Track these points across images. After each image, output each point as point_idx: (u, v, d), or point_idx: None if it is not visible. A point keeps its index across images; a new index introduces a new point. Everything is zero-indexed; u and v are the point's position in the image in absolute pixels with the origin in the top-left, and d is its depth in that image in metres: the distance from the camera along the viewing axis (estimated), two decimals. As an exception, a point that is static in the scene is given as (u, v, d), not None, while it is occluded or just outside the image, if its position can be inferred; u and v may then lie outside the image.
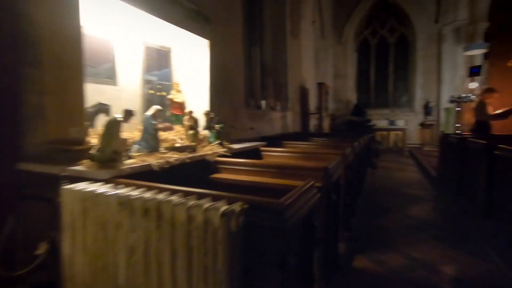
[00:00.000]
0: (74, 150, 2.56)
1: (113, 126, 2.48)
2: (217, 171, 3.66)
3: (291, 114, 11.02)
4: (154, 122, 3.12)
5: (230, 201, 1.56)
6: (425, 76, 16.27)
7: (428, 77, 16.20)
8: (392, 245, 3.65)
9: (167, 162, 2.86)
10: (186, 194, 1.80)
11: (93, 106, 3.05)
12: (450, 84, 15.02)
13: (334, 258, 3.05)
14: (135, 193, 1.90)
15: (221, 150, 3.79)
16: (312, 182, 2.32)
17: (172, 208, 1.57)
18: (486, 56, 11.61)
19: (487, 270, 3.03)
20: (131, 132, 3.48)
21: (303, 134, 9.52)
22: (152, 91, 4.05)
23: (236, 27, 6.16)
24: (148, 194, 1.86)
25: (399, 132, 15.85)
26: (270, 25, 9.35)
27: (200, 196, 1.72)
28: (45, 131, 2.44)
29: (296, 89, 11.57)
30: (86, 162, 2.36)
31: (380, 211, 5.33)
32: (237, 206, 1.50)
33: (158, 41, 4.00)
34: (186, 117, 3.86)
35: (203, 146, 3.85)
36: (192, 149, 3.48)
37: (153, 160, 2.79)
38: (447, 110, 14.77)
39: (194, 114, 3.88)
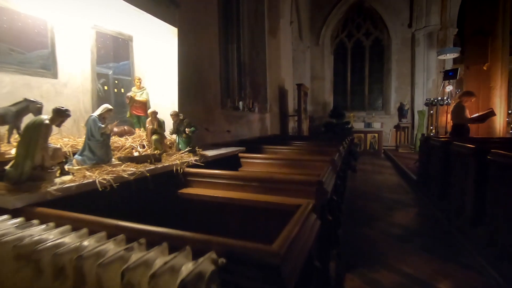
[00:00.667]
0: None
1: (35, 132, 1.76)
2: (187, 184, 2.99)
3: (269, 116, 10.50)
4: (101, 125, 2.41)
5: (198, 249, 1.02)
6: (400, 79, 16.51)
7: (402, 80, 16.45)
8: (382, 259, 3.35)
9: (120, 177, 2.16)
10: (132, 234, 1.18)
11: (16, 104, 2.28)
12: (423, 88, 15.30)
13: (326, 282, 2.50)
14: (51, 235, 1.23)
15: (192, 158, 3.13)
16: (310, 205, 1.74)
17: (101, 270, 0.93)
18: (461, 59, 11.82)
19: (486, 286, 2.73)
20: (75, 139, 2.73)
21: (282, 137, 8.99)
22: (106, 87, 3.28)
23: (210, 17, 5.50)
24: (70, 238, 1.19)
25: (375, 134, 15.91)
26: (248, 23, 8.77)
27: (152, 240, 1.12)
28: None
29: (275, 89, 11.09)
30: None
31: (364, 219, 5.00)
32: (208, 264, 0.90)
33: (114, 27, 3.25)
34: (149, 119, 3.16)
35: (170, 155, 3.16)
36: (155, 158, 2.79)
37: (99, 176, 2.08)
38: (421, 112, 15.02)
39: (159, 116, 3.18)
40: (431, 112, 13.86)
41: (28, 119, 2.01)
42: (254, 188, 2.83)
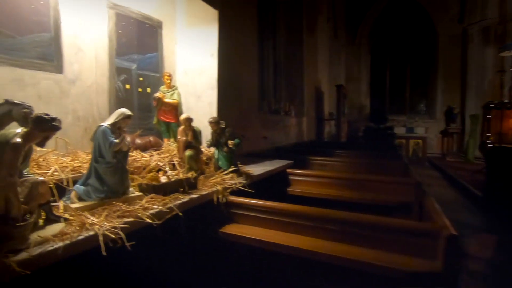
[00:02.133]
0: None
1: None
2: (231, 218, 2.15)
3: (306, 120, 9.52)
4: (113, 140, 1.60)
5: None
6: (447, 81, 14.86)
7: (450, 81, 14.78)
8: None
9: (138, 222, 1.34)
10: None
11: None
12: (477, 89, 13.58)
13: None
14: None
15: (236, 181, 2.27)
16: None
17: None
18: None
19: None
20: (81, 156, 1.96)
21: (322, 144, 7.96)
22: (128, 86, 2.52)
23: (248, 10, 4.64)
24: None
25: (419, 141, 14.37)
26: (284, 19, 7.85)
27: None
28: None
29: (311, 91, 10.10)
30: None
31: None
32: None
33: (140, 8, 2.49)
34: (181, 128, 2.34)
35: (208, 176, 2.32)
36: (190, 185, 1.96)
37: (106, 223, 1.26)
38: (474, 117, 13.28)
39: (194, 123, 2.36)
40: (488, 116, 12.14)
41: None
42: (331, 233, 1.91)
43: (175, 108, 2.85)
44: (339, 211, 1.96)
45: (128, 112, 1.73)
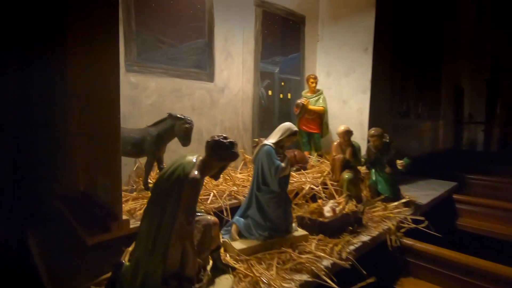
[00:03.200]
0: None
1: (172, 196, 0.69)
2: (408, 270, 1.54)
3: (442, 124, 7.76)
4: (280, 164, 1.25)
5: None
6: None
7: None
8: None
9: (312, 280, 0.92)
10: None
11: (158, 124, 1.41)
12: None
13: None
14: None
15: (406, 214, 1.66)
16: None
17: None
18: None
19: None
20: (231, 180, 1.73)
21: (479, 157, 6.22)
22: (270, 92, 2.25)
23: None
24: None
25: None
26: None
27: None
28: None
29: (448, 87, 8.18)
30: None
31: None
32: None
33: (283, 2, 2.16)
34: (337, 143, 1.88)
35: (371, 207, 1.78)
36: (356, 220, 1.46)
37: (279, 281, 0.88)
38: None
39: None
40: None
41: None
42: None
43: (319, 117, 2.42)
44: None
45: (294, 128, 1.36)
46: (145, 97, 1.65)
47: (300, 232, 1.37)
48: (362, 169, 2.22)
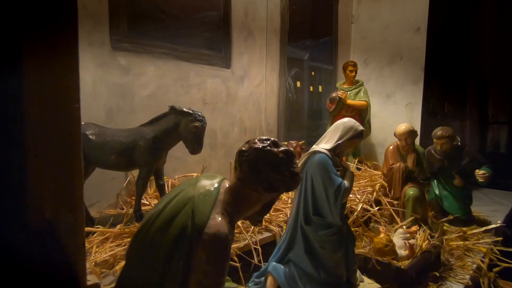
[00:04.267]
0: None
1: None
2: None
3: (468, 124, 7.19)
4: (342, 182, 0.79)
5: None
6: None
7: None
8: None
9: None
10: None
11: (155, 122, 0.96)
12: None
13: None
14: None
15: (493, 246, 1.18)
16: None
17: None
18: None
19: None
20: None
21: None
22: (299, 83, 1.81)
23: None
24: None
25: None
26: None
27: None
28: None
29: (475, 85, 7.61)
30: None
31: None
32: None
33: None
34: (393, 147, 1.41)
35: (447, 235, 1.30)
36: (435, 256, 0.99)
37: None
38: None
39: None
40: None
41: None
42: None
43: (360, 114, 1.94)
44: None
45: (360, 127, 0.90)
46: (139, 86, 1.21)
47: (368, 285, 0.91)
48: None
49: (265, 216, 1.06)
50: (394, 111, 2.08)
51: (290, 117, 1.87)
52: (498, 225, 1.44)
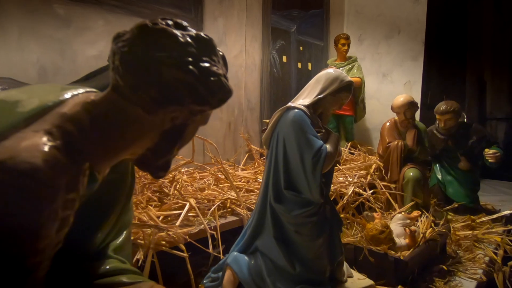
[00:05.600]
0: None
1: None
2: None
3: (467, 119, 7.03)
4: (323, 146, 0.59)
5: None
6: None
7: None
8: None
9: None
10: None
11: (90, 80, 0.75)
12: None
13: None
14: None
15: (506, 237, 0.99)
16: None
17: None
18: None
19: None
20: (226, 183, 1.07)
21: None
22: (285, 58, 1.61)
23: None
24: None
25: None
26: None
27: None
28: None
29: (473, 81, 7.50)
30: None
31: None
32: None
33: None
34: (390, 123, 1.21)
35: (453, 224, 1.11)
36: (441, 248, 0.79)
37: None
38: None
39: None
40: None
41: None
42: None
43: (353, 93, 1.74)
44: None
45: (347, 78, 0.71)
46: (84, 43, 1.00)
47: (358, 281, 0.71)
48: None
49: (232, 197, 0.86)
50: (391, 91, 1.88)
51: (275, 96, 1.66)
52: (509, 212, 1.24)
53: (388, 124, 1.28)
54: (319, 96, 0.68)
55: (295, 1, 1.73)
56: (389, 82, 1.92)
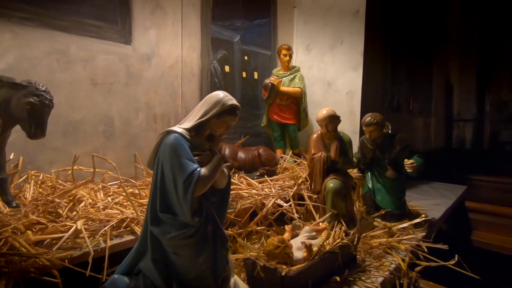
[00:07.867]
0: None
1: None
2: None
3: (434, 120, 7.35)
4: (196, 168, 0.61)
5: None
6: None
7: None
8: None
9: None
10: None
11: None
12: None
13: None
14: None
15: (415, 235, 1.05)
16: None
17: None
18: None
19: None
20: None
21: (484, 155, 5.78)
22: (228, 68, 1.62)
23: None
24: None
25: None
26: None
27: None
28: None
29: (440, 82, 7.79)
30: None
31: None
32: None
33: None
34: (317, 135, 1.26)
35: (368, 228, 1.16)
36: (350, 258, 0.83)
37: None
38: None
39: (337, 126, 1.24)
40: None
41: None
42: None
43: (295, 102, 1.79)
44: None
45: (231, 101, 0.73)
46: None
47: None
48: (354, 172, 1.61)
49: (132, 216, 0.86)
50: (336, 100, 1.94)
51: (217, 105, 1.68)
52: (423, 219, 1.32)
53: (315, 136, 1.32)
54: (201, 120, 0.70)
55: (237, 11, 1.75)
56: (334, 91, 1.98)
